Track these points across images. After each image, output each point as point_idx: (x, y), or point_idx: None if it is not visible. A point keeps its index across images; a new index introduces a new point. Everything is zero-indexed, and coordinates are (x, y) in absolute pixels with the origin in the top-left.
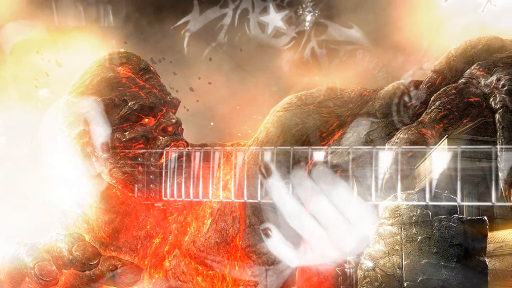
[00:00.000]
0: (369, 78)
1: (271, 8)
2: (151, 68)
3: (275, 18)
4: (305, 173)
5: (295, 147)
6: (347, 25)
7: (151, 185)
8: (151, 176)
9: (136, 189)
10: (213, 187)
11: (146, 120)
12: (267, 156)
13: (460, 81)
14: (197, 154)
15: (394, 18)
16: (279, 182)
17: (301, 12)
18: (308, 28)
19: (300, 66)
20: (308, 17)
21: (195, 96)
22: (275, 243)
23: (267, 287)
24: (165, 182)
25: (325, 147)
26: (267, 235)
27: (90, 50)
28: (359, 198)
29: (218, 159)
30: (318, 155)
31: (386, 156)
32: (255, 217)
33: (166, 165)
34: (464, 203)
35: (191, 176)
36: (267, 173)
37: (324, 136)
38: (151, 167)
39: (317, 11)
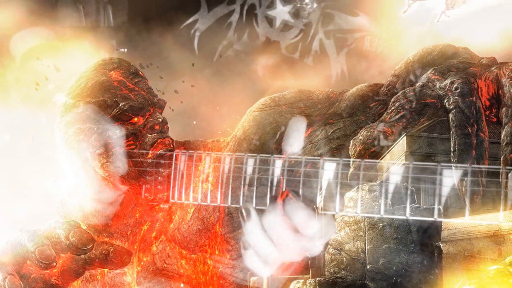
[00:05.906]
0: (335, 82)
1: (278, 2)
2: (140, 72)
3: (282, 11)
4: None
5: (261, 155)
6: (353, 13)
7: (158, 186)
8: (159, 178)
9: (143, 190)
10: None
11: (135, 119)
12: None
13: (417, 84)
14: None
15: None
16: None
17: (307, 3)
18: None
19: (274, 70)
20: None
21: (180, 97)
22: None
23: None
24: (173, 184)
25: (285, 155)
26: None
27: (85, 55)
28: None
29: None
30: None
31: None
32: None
33: (175, 168)
34: (472, 221)
35: (200, 179)
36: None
37: None
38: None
39: (322, 2)
